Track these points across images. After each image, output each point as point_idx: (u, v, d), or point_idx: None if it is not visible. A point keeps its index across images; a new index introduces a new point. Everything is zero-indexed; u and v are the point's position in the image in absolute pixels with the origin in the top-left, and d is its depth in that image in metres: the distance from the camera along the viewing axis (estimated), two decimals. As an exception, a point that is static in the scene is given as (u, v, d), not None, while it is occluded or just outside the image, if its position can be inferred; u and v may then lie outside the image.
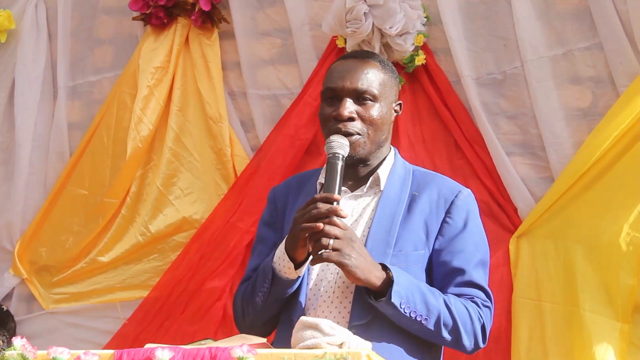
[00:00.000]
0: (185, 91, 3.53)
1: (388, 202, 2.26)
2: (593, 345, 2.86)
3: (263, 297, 2.22)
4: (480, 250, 2.29)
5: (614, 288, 2.90)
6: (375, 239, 2.20)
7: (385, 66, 2.34)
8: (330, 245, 2.05)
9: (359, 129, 2.25)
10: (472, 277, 2.23)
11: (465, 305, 2.18)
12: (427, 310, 2.11)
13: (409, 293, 2.09)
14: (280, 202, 2.42)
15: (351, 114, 2.24)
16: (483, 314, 2.21)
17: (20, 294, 3.68)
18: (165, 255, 3.50)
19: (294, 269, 2.15)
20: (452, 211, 2.26)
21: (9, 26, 3.68)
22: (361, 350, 1.75)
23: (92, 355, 1.74)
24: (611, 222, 2.93)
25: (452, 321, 2.14)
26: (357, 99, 2.26)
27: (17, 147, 3.67)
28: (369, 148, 2.27)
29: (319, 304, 2.19)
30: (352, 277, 2.08)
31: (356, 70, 2.28)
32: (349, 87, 2.25)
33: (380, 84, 2.28)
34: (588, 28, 3.09)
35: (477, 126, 3.19)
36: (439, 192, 2.29)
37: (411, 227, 2.23)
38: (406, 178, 2.32)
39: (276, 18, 3.47)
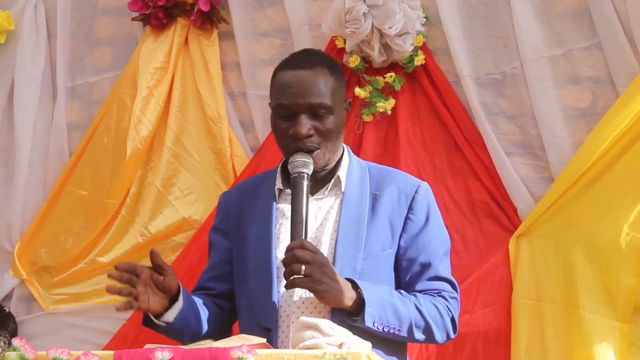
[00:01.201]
0: (184, 92, 3.53)
1: (351, 204, 2.28)
2: (593, 345, 2.86)
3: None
4: (444, 243, 2.35)
5: (614, 288, 2.90)
6: (345, 244, 2.22)
7: (332, 68, 2.34)
8: (302, 271, 2.07)
9: (318, 142, 2.26)
10: (438, 271, 2.29)
11: (434, 303, 2.23)
12: (399, 322, 2.16)
13: (381, 310, 2.13)
14: (232, 209, 2.43)
15: (309, 131, 2.25)
16: (451, 307, 2.27)
17: (20, 294, 3.67)
18: (165, 255, 3.49)
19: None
20: (413, 207, 2.30)
21: (8, 27, 3.68)
22: (361, 350, 1.75)
23: (92, 355, 1.74)
24: (611, 222, 2.93)
25: (424, 323, 2.20)
26: (312, 114, 2.26)
27: (16, 148, 3.66)
28: (328, 157, 2.30)
29: (292, 310, 2.21)
30: (324, 301, 2.11)
31: (308, 83, 2.27)
32: (303, 104, 2.25)
33: (332, 93, 2.29)
34: (587, 28, 3.09)
35: (477, 126, 3.19)
36: (399, 188, 2.32)
37: (377, 228, 2.26)
38: (363, 176, 2.35)
39: (275, 18, 3.47)
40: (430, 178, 3.18)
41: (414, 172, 3.13)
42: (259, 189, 2.40)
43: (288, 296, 2.23)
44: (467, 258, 3.13)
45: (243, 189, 2.49)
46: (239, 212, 2.39)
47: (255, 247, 2.31)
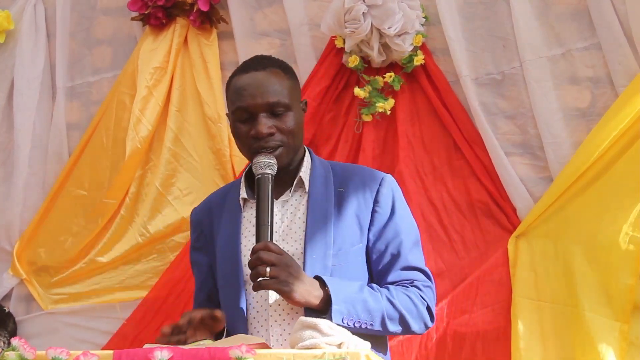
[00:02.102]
0: (184, 91, 3.53)
1: (317, 203, 2.29)
2: (592, 345, 2.86)
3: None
4: (412, 232, 2.36)
5: (613, 288, 2.90)
6: (313, 242, 2.23)
7: (285, 70, 2.37)
8: (267, 273, 2.08)
9: (280, 140, 2.28)
10: (408, 261, 2.29)
11: (407, 294, 2.24)
12: (370, 316, 2.16)
13: (350, 306, 2.13)
14: (205, 222, 2.45)
15: (270, 129, 2.27)
16: (425, 295, 2.28)
17: (19, 294, 3.67)
18: (164, 255, 3.49)
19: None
20: (379, 200, 2.32)
21: (8, 26, 3.68)
22: (360, 350, 1.75)
23: (92, 355, 1.74)
24: (610, 221, 2.93)
25: (398, 314, 2.20)
26: (271, 113, 2.28)
27: (15, 148, 3.67)
28: (291, 156, 2.32)
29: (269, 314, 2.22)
30: (291, 301, 2.12)
31: (263, 83, 2.30)
32: (261, 103, 2.27)
33: (289, 92, 2.31)
34: (587, 28, 3.09)
35: (476, 126, 3.19)
36: (363, 183, 2.34)
37: (345, 224, 2.27)
38: (327, 175, 2.36)
39: (275, 18, 3.47)
40: (429, 178, 3.18)
41: (413, 172, 3.14)
42: (225, 201, 2.42)
43: (263, 300, 2.23)
44: (467, 258, 3.13)
45: (211, 202, 2.51)
46: (209, 227, 2.42)
47: (222, 257, 2.34)
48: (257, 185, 2.20)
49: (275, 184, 2.29)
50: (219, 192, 2.56)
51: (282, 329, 2.21)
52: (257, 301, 2.24)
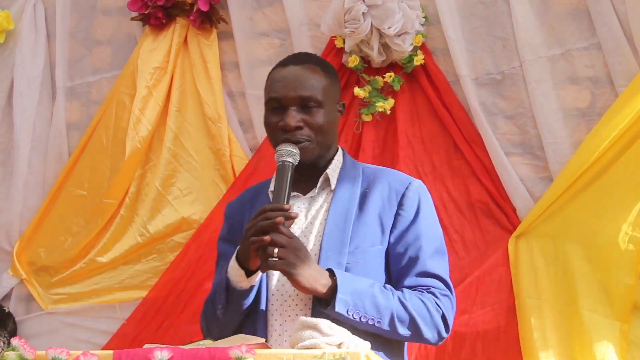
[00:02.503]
0: (183, 91, 3.53)
1: (340, 201, 2.28)
2: (592, 344, 2.87)
3: (222, 309, 2.24)
4: (435, 240, 2.31)
5: (613, 287, 2.90)
6: (329, 239, 2.22)
7: (325, 69, 2.36)
8: (275, 253, 2.07)
9: (307, 135, 2.27)
10: (427, 267, 2.24)
11: (421, 298, 2.19)
12: (379, 313, 2.12)
13: (356, 298, 2.10)
14: (237, 217, 2.43)
15: (298, 123, 2.25)
16: (442, 304, 2.22)
17: (19, 294, 3.68)
18: (164, 255, 3.50)
19: (245, 277, 2.16)
20: (404, 203, 2.29)
21: (8, 26, 3.68)
22: (360, 350, 1.75)
23: (91, 355, 1.74)
24: (610, 221, 2.93)
25: (409, 317, 2.16)
26: (302, 107, 2.27)
27: (15, 148, 3.67)
28: (317, 152, 2.30)
29: (284, 309, 2.21)
30: (297, 286, 2.10)
31: (299, 77, 2.29)
32: (293, 96, 2.27)
33: (324, 89, 2.30)
34: (586, 28, 3.09)
35: (476, 126, 3.19)
36: (389, 186, 2.31)
37: (366, 224, 2.25)
38: (356, 176, 2.34)
39: (274, 18, 3.47)
40: (429, 178, 3.18)
41: (413, 172, 3.13)
42: (258, 196, 2.41)
43: (280, 295, 2.22)
44: (466, 258, 3.13)
45: (244, 197, 2.50)
46: (240, 221, 2.40)
47: None
48: (277, 172, 2.20)
49: (303, 181, 2.30)
50: (254, 187, 2.55)
51: (297, 310, 2.20)
52: (273, 294, 2.23)
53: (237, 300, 2.21)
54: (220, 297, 2.24)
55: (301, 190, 2.32)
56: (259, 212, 2.12)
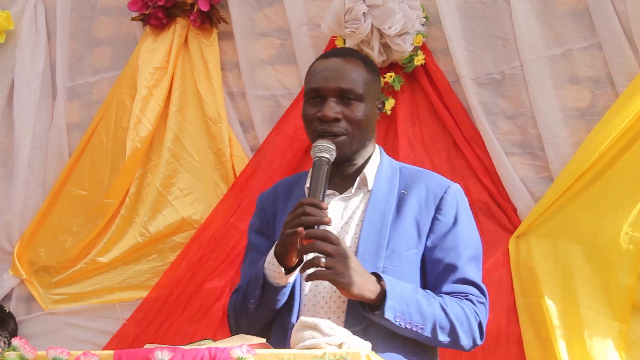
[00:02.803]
0: (184, 92, 3.53)
1: (377, 203, 2.24)
2: (592, 344, 2.87)
3: (255, 303, 2.21)
4: (472, 246, 2.28)
5: (613, 287, 2.90)
6: (366, 242, 2.19)
7: (367, 64, 2.32)
8: (322, 263, 2.04)
9: (345, 129, 2.23)
10: (465, 273, 2.21)
11: (461, 305, 2.17)
12: (422, 319, 2.09)
13: (404, 305, 2.07)
14: (269, 209, 2.40)
15: (336, 115, 2.21)
16: (479, 311, 2.20)
17: (19, 294, 3.68)
18: (164, 255, 3.50)
19: (284, 274, 2.13)
20: (442, 207, 2.24)
21: (8, 27, 3.68)
22: (360, 350, 1.75)
23: (92, 355, 1.74)
24: (610, 221, 2.93)
25: (449, 324, 2.13)
26: (341, 99, 2.23)
27: (16, 148, 3.67)
28: (354, 148, 2.26)
29: (316, 310, 2.18)
30: (346, 293, 2.06)
31: (340, 69, 2.26)
32: (333, 87, 2.23)
33: (364, 83, 2.26)
34: (587, 28, 3.09)
35: (476, 126, 3.19)
36: (427, 188, 2.27)
37: (402, 227, 2.22)
38: (393, 176, 2.30)
39: (275, 18, 3.47)
40: (429, 178, 3.18)
41: (413, 172, 3.13)
42: (293, 188, 2.37)
43: (312, 295, 2.20)
44: (467, 258, 3.13)
45: (277, 189, 2.46)
46: (274, 213, 2.37)
47: None
48: (313, 167, 2.16)
49: (339, 179, 2.26)
50: (288, 179, 2.51)
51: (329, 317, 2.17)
52: (306, 294, 2.21)
53: (272, 296, 2.18)
54: (253, 291, 2.20)
55: (337, 189, 2.28)
56: (297, 207, 2.09)
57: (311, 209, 2.06)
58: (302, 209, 2.07)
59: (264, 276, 2.17)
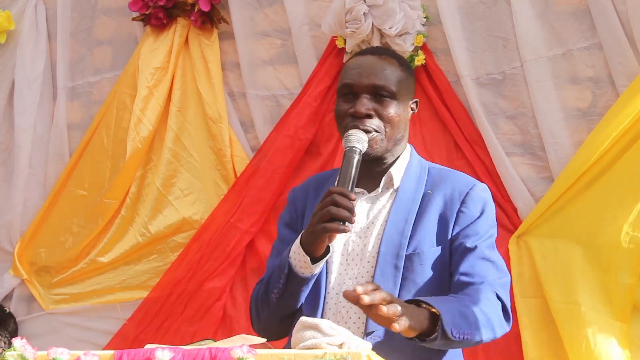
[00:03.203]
0: (184, 92, 3.53)
1: (402, 202, 2.23)
2: (592, 344, 2.86)
3: (278, 293, 2.19)
4: (492, 238, 2.27)
5: (613, 287, 2.90)
6: (388, 242, 2.18)
7: (402, 64, 2.32)
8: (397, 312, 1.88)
9: (377, 126, 2.22)
10: (483, 253, 2.18)
11: (482, 296, 2.09)
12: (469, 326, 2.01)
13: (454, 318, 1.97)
14: (300, 204, 2.40)
15: (368, 111, 2.21)
16: (500, 293, 2.13)
17: (20, 294, 3.68)
18: (165, 255, 3.50)
19: (310, 264, 2.12)
20: (467, 201, 2.23)
21: (9, 27, 3.68)
22: (361, 350, 1.75)
23: (92, 355, 1.74)
24: (610, 221, 2.93)
25: (486, 319, 2.06)
26: (374, 96, 2.23)
27: (16, 148, 3.67)
28: (385, 145, 2.25)
29: (337, 309, 2.17)
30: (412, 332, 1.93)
31: (374, 66, 2.25)
32: (367, 84, 2.22)
33: (398, 81, 2.25)
34: (587, 28, 3.09)
35: (477, 126, 3.19)
36: (453, 187, 2.26)
37: (426, 225, 2.20)
38: (421, 176, 2.29)
39: (275, 18, 3.47)
40: (430, 178, 3.18)
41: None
42: (324, 184, 2.36)
43: (334, 294, 2.19)
44: (467, 258, 3.13)
45: (309, 185, 2.45)
46: (304, 207, 2.37)
47: None
48: (344, 157, 2.14)
49: (368, 177, 2.25)
50: (320, 175, 2.50)
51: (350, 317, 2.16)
52: (328, 292, 2.20)
53: (296, 286, 2.16)
54: (277, 281, 2.18)
55: (366, 187, 2.27)
56: (326, 195, 2.06)
57: (340, 199, 2.04)
58: (332, 198, 2.04)
59: (289, 265, 2.15)
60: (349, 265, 2.19)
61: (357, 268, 2.19)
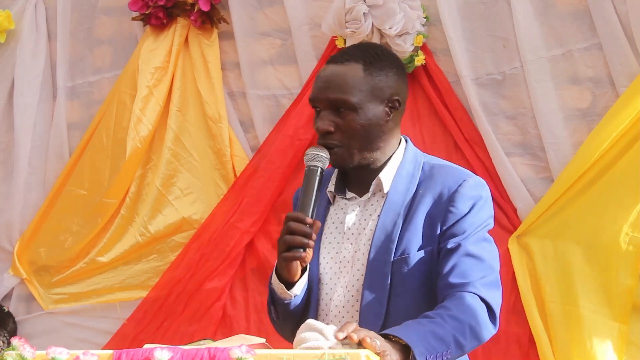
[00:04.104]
0: (184, 91, 3.53)
1: (391, 206, 2.18)
2: (592, 345, 2.87)
3: (275, 315, 2.21)
4: (485, 228, 2.18)
5: (613, 288, 2.90)
6: (377, 249, 2.14)
7: (369, 64, 2.19)
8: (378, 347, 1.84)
9: (339, 140, 2.14)
10: (467, 249, 2.10)
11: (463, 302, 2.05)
12: (445, 344, 1.95)
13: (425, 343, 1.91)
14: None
15: (329, 127, 2.13)
16: (484, 295, 2.08)
17: (19, 294, 3.68)
18: (164, 255, 3.50)
19: (286, 290, 2.11)
20: (455, 199, 2.14)
21: (9, 26, 3.68)
22: (360, 351, 1.75)
23: (91, 355, 1.74)
24: (610, 222, 2.93)
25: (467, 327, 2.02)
26: (334, 110, 2.15)
27: (16, 147, 3.67)
28: (357, 157, 2.16)
29: (330, 319, 2.16)
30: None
31: (332, 78, 2.16)
32: (323, 98, 2.15)
33: (359, 89, 2.14)
34: (587, 28, 3.09)
35: (477, 126, 3.19)
36: (442, 184, 2.17)
37: (414, 227, 2.15)
38: (414, 175, 2.21)
39: (275, 18, 3.47)
40: (430, 178, 3.18)
41: (413, 172, 3.13)
42: (324, 187, 2.28)
43: (327, 301, 2.18)
44: (467, 258, 3.13)
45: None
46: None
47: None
48: (303, 179, 2.10)
49: (358, 183, 2.21)
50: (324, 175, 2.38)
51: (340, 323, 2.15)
52: (327, 294, 2.17)
53: (283, 309, 2.16)
54: (270, 303, 2.20)
55: (357, 192, 2.22)
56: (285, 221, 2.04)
57: (295, 225, 2.02)
58: (287, 227, 2.03)
59: (272, 292, 2.16)
60: (341, 273, 2.17)
61: (348, 275, 2.17)
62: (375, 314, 2.10)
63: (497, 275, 2.16)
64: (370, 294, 2.11)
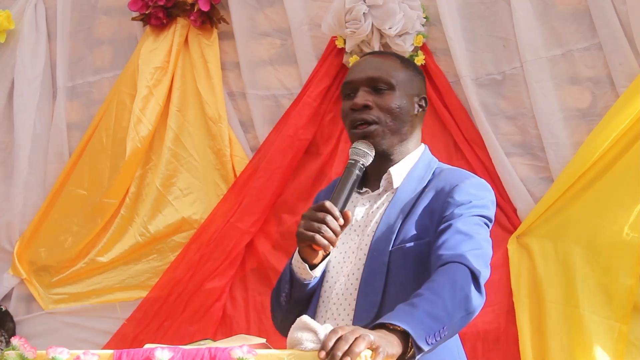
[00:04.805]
0: (184, 91, 3.53)
1: (398, 202, 2.22)
2: (592, 345, 2.87)
3: (286, 297, 2.23)
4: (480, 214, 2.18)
5: (613, 288, 2.90)
6: (378, 239, 2.18)
7: (405, 61, 2.33)
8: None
9: (376, 116, 2.21)
10: (459, 228, 2.10)
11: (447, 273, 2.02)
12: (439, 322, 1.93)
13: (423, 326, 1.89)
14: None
15: (367, 102, 2.21)
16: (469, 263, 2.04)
17: (19, 294, 3.68)
18: (164, 255, 3.50)
19: (308, 270, 2.14)
20: (455, 192, 2.17)
21: (9, 26, 3.68)
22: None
23: (92, 355, 1.74)
24: (610, 222, 2.93)
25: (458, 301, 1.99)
26: (372, 89, 2.23)
27: (16, 147, 3.67)
28: (389, 139, 2.23)
29: (328, 306, 2.19)
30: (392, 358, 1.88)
31: (371, 62, 2.29)
32: (363, 77, 2.24)
33: (396, 74, 2.26)
34: (587, 28, 3.09)
35: (477, 127, 3.19)
36: (446, 180, 2.22)
37: (414, 219, 2.19)
38: (424, 177, 2.26)
39: (275, 18, 3.47)
40: (429, 178, 3.18)
41: (413, 172, 3.13)
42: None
43: (327, 288, 2.21)
44: (467, 258, 3.13)
45: (332, 186, 2.39)
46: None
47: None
48: (344, 170, 2.15)
49: (374, 175, 2.25)
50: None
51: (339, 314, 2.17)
52: (327, 281, 2.21)
53: (300, 290, 2.19)
54: (284, 285, 2.22)
55: (371, 187, 2.27)
56: (317, 208, 2.06)
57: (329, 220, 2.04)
58: (320, 217, 2.05)
59: (292, 272, 2.18)
60: (345, 263, 2.21)
61: (350, 265, 2.21)
62: (371, 302, 2.13)
63: (485, 253, 2.13)
64: (368, 283, 2.15)
